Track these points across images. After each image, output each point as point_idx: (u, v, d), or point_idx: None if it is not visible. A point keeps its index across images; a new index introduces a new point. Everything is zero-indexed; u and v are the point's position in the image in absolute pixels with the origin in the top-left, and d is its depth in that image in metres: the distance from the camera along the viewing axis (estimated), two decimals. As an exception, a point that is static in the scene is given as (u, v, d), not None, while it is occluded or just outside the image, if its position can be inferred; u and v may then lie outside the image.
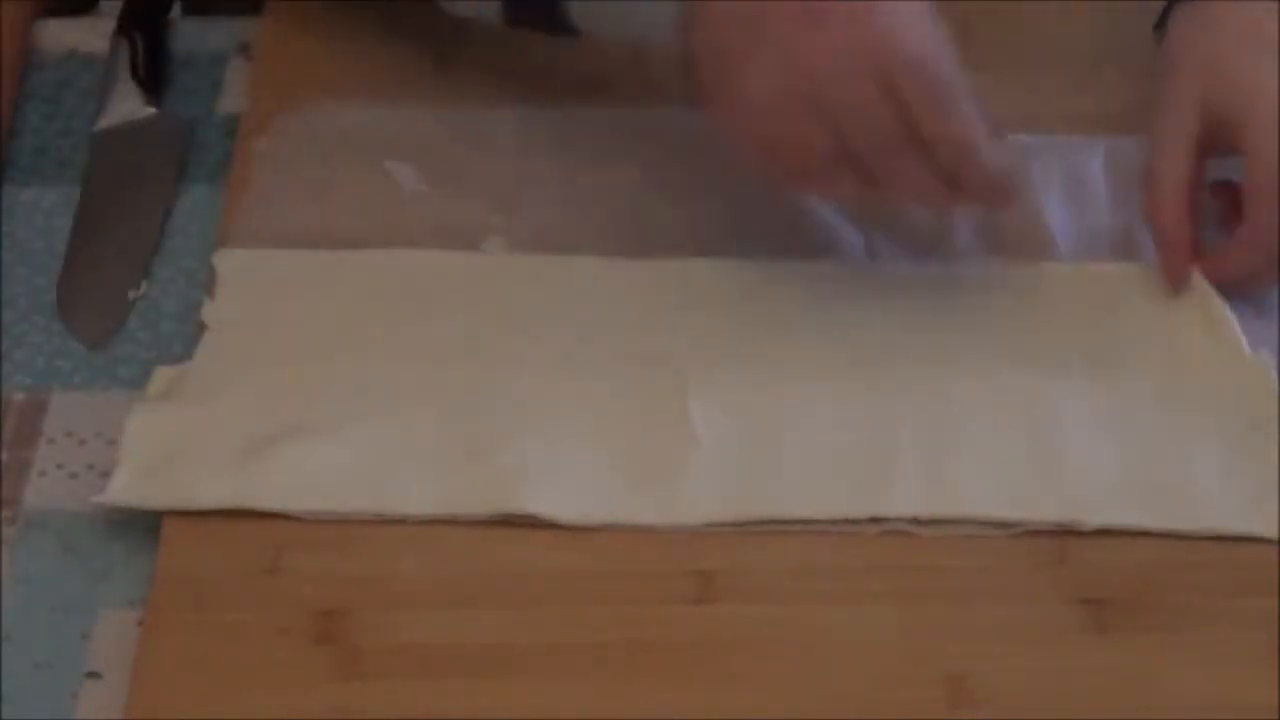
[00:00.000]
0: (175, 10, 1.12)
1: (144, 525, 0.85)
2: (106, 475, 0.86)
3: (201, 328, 0.92)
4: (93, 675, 0.80)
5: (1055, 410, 0.89)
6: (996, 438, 0.87)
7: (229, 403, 0.88)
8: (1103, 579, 0.83)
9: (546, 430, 0.87)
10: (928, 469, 0.86)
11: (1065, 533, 0.84)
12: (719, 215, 0.98)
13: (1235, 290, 0.92)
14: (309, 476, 0.85)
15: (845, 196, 0.93)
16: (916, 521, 0.84)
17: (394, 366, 0.90)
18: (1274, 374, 0.90)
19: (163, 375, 0.90)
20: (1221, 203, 0.94)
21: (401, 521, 0.84)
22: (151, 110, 1.05)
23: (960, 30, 1.08)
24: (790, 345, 0.91)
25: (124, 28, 1.07)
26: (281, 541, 0.83)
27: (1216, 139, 0.93)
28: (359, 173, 0.99)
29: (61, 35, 1.10)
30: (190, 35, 1.10)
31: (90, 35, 1.10)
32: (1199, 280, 0.92)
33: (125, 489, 0.85)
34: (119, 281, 0.96)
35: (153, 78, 1.06)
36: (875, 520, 0.84)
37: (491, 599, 0.82)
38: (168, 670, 0.79)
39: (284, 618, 0.81)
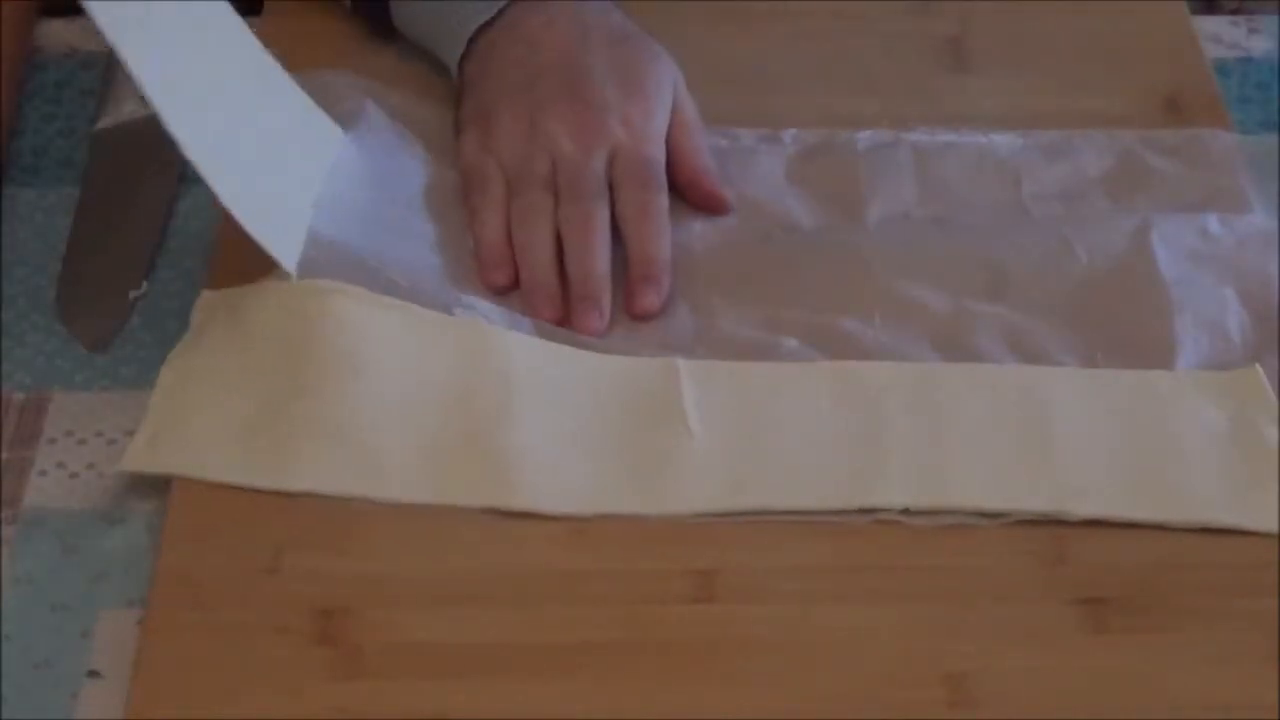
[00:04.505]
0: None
1: (144, 525, 0.85)
2: (107, 475, 0.86)
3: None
4: (93, 675, 0.80)
5: (1047, 402, 0.89)
6: (988, 429, 0.88)
7: (237, 379, 0.88)
8: (1102, 579, 0.83)
9: (541, 420, 0.87)
10: (918, 460, 0.86)
11: (1064, 531, 0.84)
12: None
13: None
14: (308, 460, 0.85)
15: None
16: (907, 512, 0.84)
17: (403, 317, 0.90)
18: (1259, 369, 0.90)
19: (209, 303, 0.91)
20: None
21: (398, 516, 0.84)
22: (152, 110, 1.05)
23: (960, 30, 1.09)
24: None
25: (124, 28, 1.07)
26: (281, 541, 0.83)
27: None
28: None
29: (61, 35, 1.10)
30: (190, 35, 1.10)
31: (90, 35, 1.09)
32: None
33: (140, 452, 0.86)
34: (119, 281, 0.96)
35: (153, 78, 1.06)
36: (866, 511, 0.85)
37: (491, 598, 0.82)
38: (168, 670, 0.79)
39: (284, 617, 0.81)
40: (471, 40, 1.01)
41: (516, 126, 0.97)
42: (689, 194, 0.98)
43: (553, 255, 0.94)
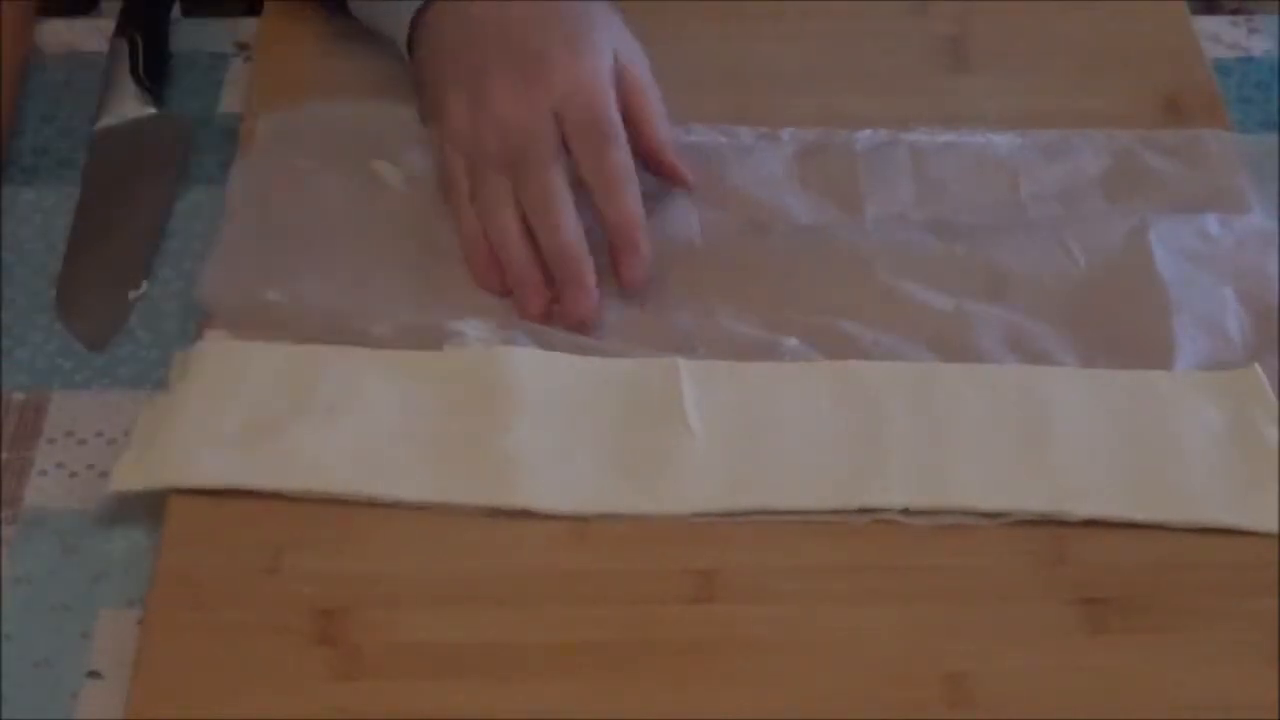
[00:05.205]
0: (175, 10, 1.12)
1: (144, 525, 0.85)
2: (106, 475, 0.86)
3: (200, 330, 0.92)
4: (93, 675, 0.80)
5: (1047, 402, 0.89)
6: (988, 429, 0.88)
7: (233, 384, 0.88)
8: (1102, 579, 0.83)
9: (542, 420, 0.87)
10: (918, 460, 0.86)
11: (1064, 531, 0.84)
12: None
13: None
14: (306, 459, 0.85)
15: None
16: (907, 512, 0.85)
17: (393, 352, 0.90)
18: (1258, 369, 0.90)
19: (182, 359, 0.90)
20: None
21: (398, 516, 0.84)
22: (151, 110, 1.05)
23: (960, 30, 1.10)
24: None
25: (124, 28, 1.07)
26: (281, 541, 0.83)
27: None
28: (346, 170, 1.00)
29: (61, 35, 1.10)
30: (190, 35, 1.11)
31: (90, 35, 1.10)
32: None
33: (127, 472, 0.85)
34: (119, 281, 0.96)
35: (153, 78, 1.06)
36: (865, 511, 0.85)
37: (491, 598, 0.82)
38: (168, 670, 0.79)
39: (284, 617, 0.81)
40: (415, 27, 0.99)
41: (461, 110, 0.95)
42: (649, 167, 0.96)
43: (524, 242, 0.93)
